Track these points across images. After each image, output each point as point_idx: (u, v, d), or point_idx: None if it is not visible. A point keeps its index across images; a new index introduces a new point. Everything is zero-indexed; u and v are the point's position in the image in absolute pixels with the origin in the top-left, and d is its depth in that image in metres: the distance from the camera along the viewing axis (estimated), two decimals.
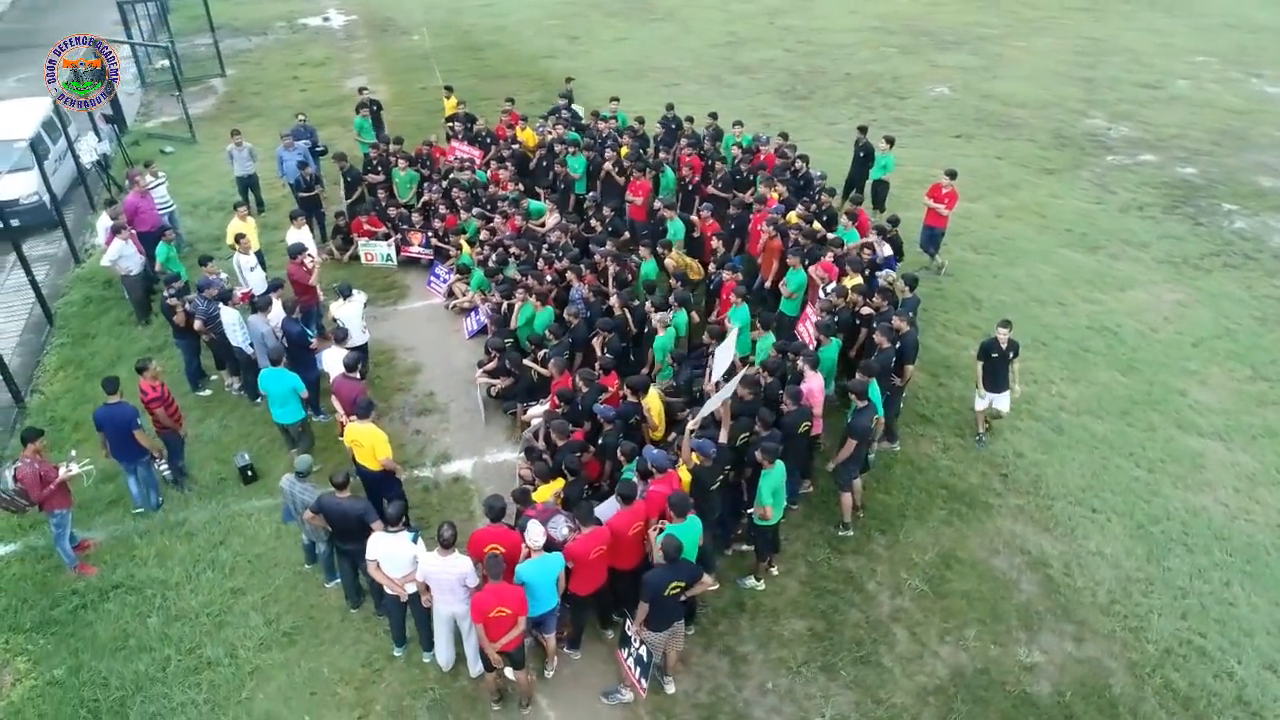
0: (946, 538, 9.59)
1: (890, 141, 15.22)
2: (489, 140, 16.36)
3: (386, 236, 14.88)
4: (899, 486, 10.23)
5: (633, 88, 23.29)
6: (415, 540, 7.67)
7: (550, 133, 16.09)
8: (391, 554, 7.62)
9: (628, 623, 7.66)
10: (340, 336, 10.45)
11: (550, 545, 7.76)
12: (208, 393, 11.85)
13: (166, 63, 24.94)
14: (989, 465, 10.56)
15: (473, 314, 13.16)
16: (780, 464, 8.40)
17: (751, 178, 14.24)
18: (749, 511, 8.68)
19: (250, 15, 30.63)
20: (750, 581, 9.04)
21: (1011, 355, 10.28)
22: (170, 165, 18.82)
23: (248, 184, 16.30)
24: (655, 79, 23.98)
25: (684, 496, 7.64)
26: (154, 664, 8.26)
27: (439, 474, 10.59)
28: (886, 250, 12.26)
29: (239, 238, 12.45)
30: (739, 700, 7.97)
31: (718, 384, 9.51)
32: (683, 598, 7.52)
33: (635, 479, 8.18)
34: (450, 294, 13.79)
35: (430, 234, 14.58)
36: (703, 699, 7.98)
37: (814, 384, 9.42)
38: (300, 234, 12.93)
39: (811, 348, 10.19)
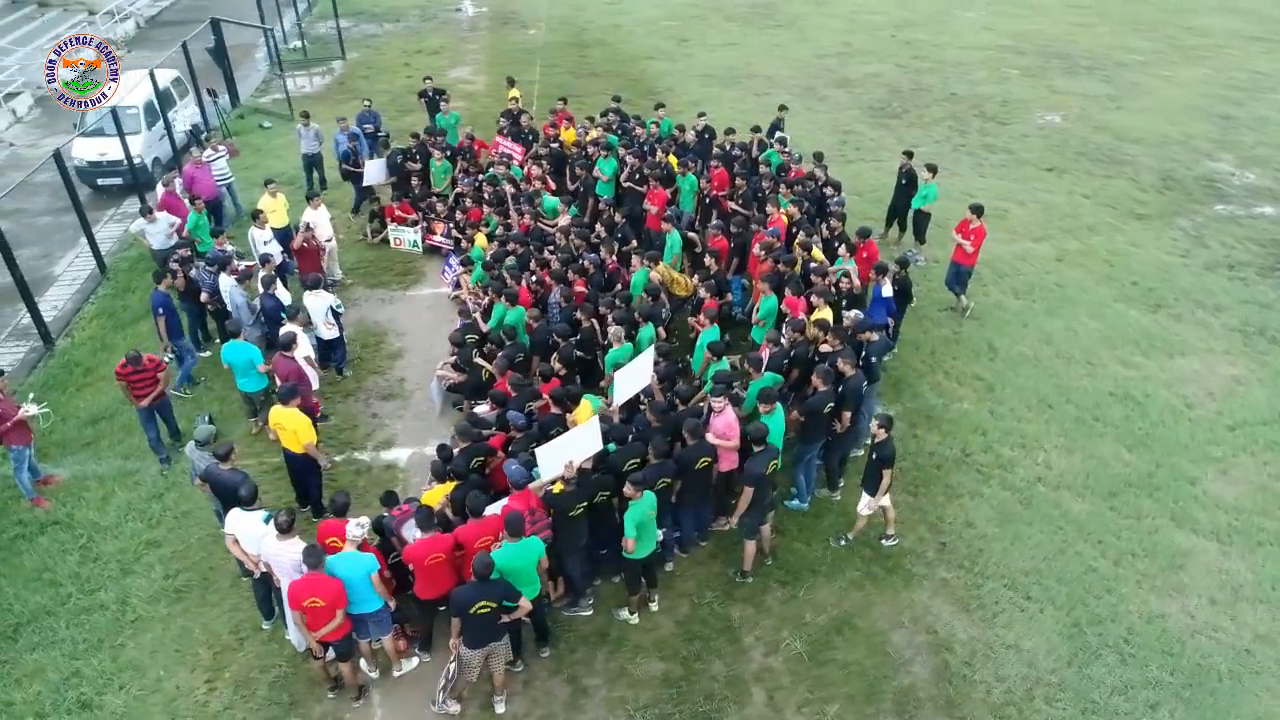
0: (850, 601, 8.88)
1: (933, 170, 14.18)
2: (531, 137, 16.54)
3: (415, 223, 15.38)
4: (821, 538, 9.57)
5: (723, 94, 22.92)
6: (267, 522, 7.88)
7: (589, 133, 16.11)
8: (247, 532, 7.90)
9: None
10: (293, 314, 10.88)
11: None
12: (206, 354, 12.64)
13: (298, 43, 26.90)
14: (930, 530, 9.70)
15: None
16: (649, 496, 8.06)
17: (771, 195, 13.70)
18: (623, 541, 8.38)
19: (391, 2, 32.34)
20: (624, 614, 8.73)
21: (875, 458, 8.80)
22: (264, 139, 20.31)
23: (312, 162, 17.25)
24: (748, 86, 23.46)
25: (519, 517, 7.47)
26: (55, 599, 8.95)
27: (376, 459, 10.87)
28: (887, 290, 11.45)
29: (255, 213, 13.21)
30: None
31: (618, 409, 9.27)
32: (505, 620, 7.37)
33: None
34: (457, 285, 14.09)
35: (451, 225, 14.94)
36: None
37: (727, 418, 8.95)
38: (316, 214, 13.56)
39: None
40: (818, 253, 12.15)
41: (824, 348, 10.19)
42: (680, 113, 20.10)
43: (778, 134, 15.90)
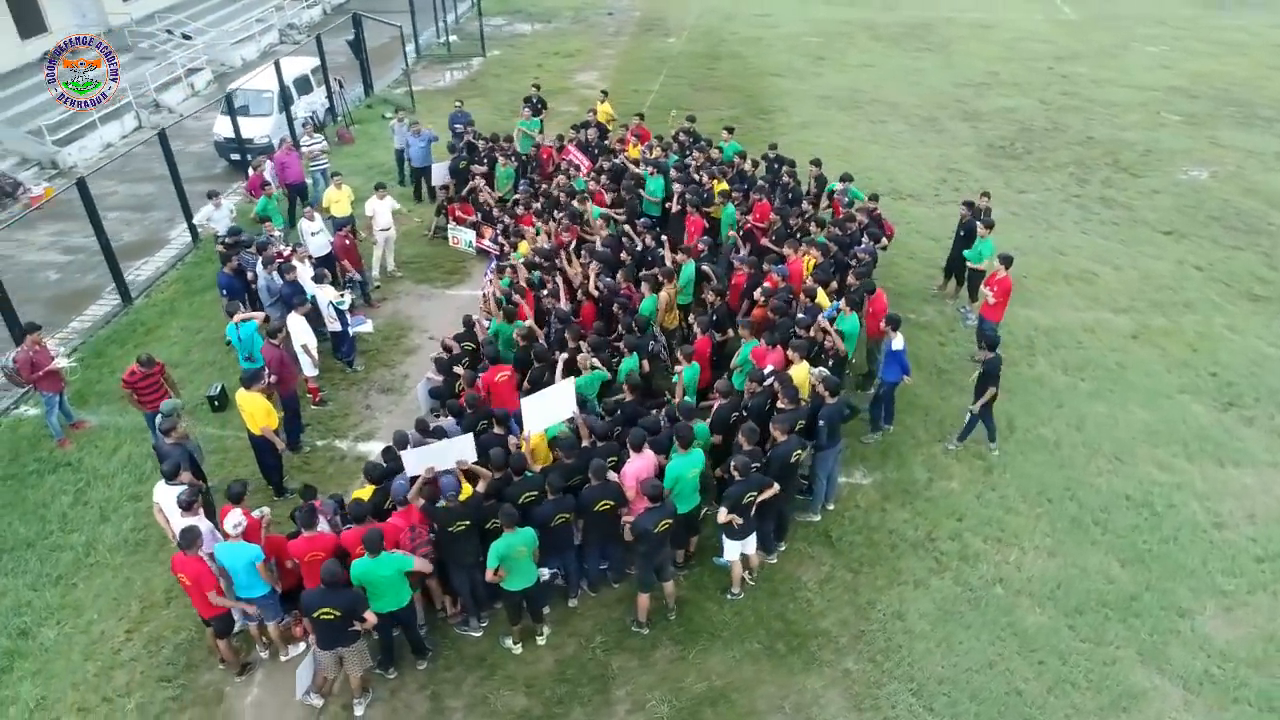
0: (739, 675, 8.47)
1: (989, 225, 13.10)
2: (596, 153, 16.71)
3: (474, 225, 15.97)
4: (733, 604, 9.16)
5: (837, 118, 22.18)
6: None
7: (652, 152, 16.09)
8: (168, 505, 8.61)
9: None
10: (300, 304, 11.64)
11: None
12: None
13: (444, 39, 28.44)
14: (856, 613, 9.05)
15: None
16: (523, 532, 8.02)
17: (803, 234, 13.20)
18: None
19: (550, 2, 33.44)
20: (509, 642, 8.77)
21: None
22: (381, 129, 21.71)
23: (403, 156, 18.34)
24: (867, 112, 22.53)
25: (377, 534, 7.68)
26: (40, 533, 10.09)
27: (352, 449, 11.46)
28: (897, 343, 10.76)
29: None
30: None
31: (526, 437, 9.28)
32: (355, 628, 7.64)
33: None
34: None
35: (498, 230, 15.38)
36: None
37: (636, 465, 8.77)
38: (380, 204, 14.41)
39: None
40: (823, 298, 11.60)
41: (779, 404, 9.74)
42: (784, 135, 19.69)
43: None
